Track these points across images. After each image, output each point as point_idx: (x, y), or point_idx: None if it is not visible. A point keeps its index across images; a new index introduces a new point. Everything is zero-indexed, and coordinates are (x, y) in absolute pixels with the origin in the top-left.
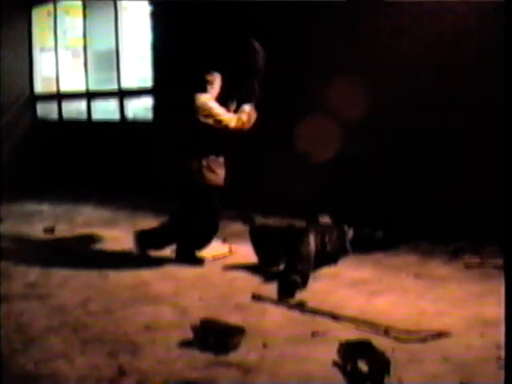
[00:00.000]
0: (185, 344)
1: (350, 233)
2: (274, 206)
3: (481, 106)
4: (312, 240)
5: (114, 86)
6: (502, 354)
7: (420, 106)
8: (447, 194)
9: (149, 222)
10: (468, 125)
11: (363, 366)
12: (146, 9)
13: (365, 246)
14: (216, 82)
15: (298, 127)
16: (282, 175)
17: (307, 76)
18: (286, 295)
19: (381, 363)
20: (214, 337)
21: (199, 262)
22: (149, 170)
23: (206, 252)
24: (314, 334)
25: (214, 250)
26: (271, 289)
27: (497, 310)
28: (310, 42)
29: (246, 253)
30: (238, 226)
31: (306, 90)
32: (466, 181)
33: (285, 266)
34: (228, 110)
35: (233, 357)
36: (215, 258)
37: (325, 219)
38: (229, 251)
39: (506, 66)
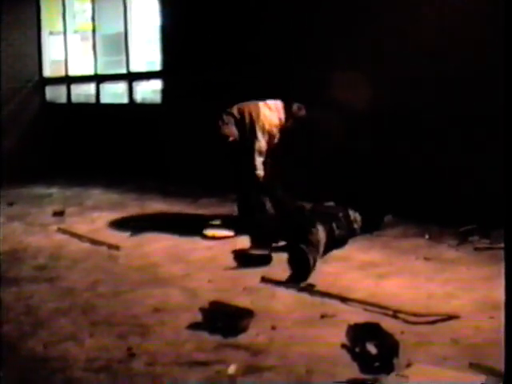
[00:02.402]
0: (194, 326)
1: (358, 216)
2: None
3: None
4: (321, 228)
5: (122, 70)
6: None
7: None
8: (457, 178)
9: (157, 205)
10: (482, 111)
11: (372, 349)
12: None
13: (374, 229)
14: None
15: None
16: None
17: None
18: (299, 275)
19: (390, 346)
20: (223, 319)
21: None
22: (157, 152)
23: (209, 231)
24: (322, 317)
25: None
26: (280, 272)
27: None
28: None
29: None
30: None
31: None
32: (476, 165)
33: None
34: None
35: (242, 339)
36: (215, 238)
37: (329, 203)
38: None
39: (506, 66)
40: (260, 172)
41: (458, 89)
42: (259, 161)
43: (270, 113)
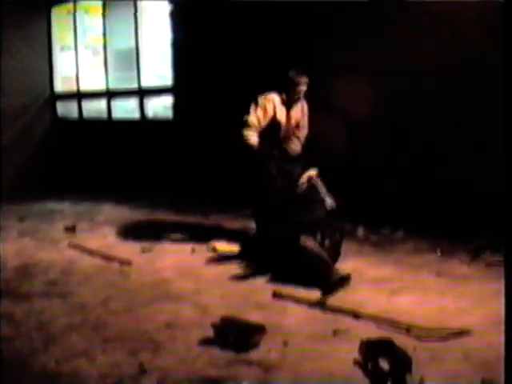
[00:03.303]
0: (205, 342)
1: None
2: None
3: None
4: (309, 242)
5: (133, 85)
6: None
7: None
8: (468, 193)
9: (168, 220)
10: (492, 126)
11: (385, 365)
12: (166, 8)
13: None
14: None
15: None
16: None
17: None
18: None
19: (402, 362)
20: (235, 335)
21: None
22: (168, 168)
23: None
24: (335, 333)
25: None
26: (292, 287)
27: None
28: None
29: None
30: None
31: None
32: (488, 181)
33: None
34: None
35: (254, 355)
36: (222, 253)
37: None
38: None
39: (505, 66)
40: (249, 141)
41: (471, 103)
42: (246, 132)
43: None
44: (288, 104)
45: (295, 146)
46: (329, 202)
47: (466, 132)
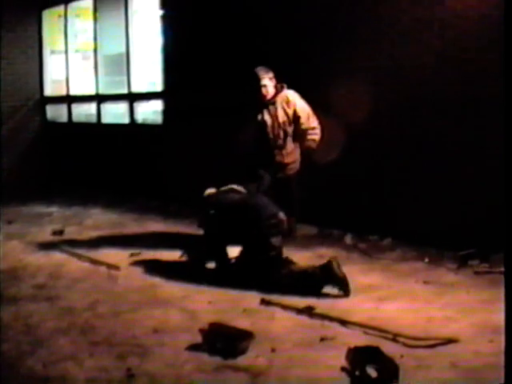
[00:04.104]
0: (193, 347)
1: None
2: None
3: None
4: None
5: (123, 90)
6: None
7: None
8: (456, 202)
9: (156, 226)
10: (480, 133)
11: (372, 372)
12: (157, 12)
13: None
14: None
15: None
16: None
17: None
18: None
19: (389, 369)
20: (223, 341)
21: None
22: (157, 173)
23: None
24: (322, 339)
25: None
26: (280, 293)
27: None
28: None
29: None
30: None
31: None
32: (476, 189)
33: None
34: None
35: (241, 361)
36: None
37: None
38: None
39: (505, 66)
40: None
41: (457, 112)
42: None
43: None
44: (264, 104)
45: (289, 148)
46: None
47: (454, 139)
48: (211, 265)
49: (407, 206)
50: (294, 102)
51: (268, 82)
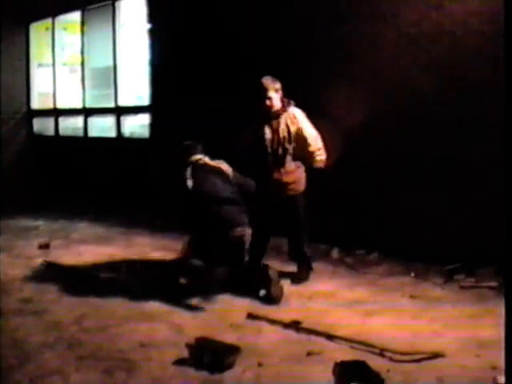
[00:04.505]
0: (180, 362)
1: None
2: None
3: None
4: None
5: (110, 104)
6: (497, 375)
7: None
8: (443, 216)
9: (143, 240)
10: (467, 148)
11: None
12: (145, 26)
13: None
14: None
15: None
16: None
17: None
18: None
19: None
20: (210, 355)
21: None
22: (144, 187)
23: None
24: (309, 354)
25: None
26: (267, 307)
27: (492, 332)
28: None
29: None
30: None
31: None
32: (462, 203)
33: None
34: None
35: (228, 375)
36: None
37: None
38: None
39: (505, 67)
40: None
41: (446, 130)
42: None
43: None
44: (267, 116)
45: (289, 167)
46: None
47: (442, 155)
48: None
49: (394, 221)
50: (300, 121)
51: (274, 94)
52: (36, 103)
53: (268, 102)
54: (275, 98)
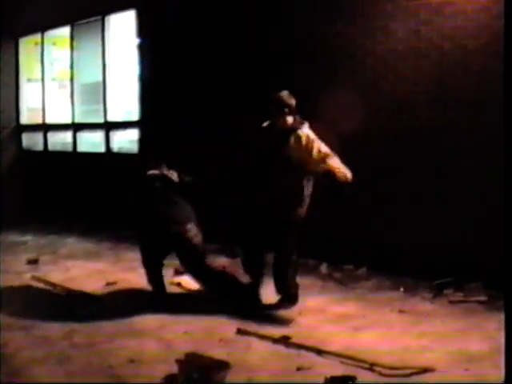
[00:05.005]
0: (170, 378)
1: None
2: None
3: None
4: None
5: (99, 119)
6: None
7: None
8: (431, 231)
9: (132, 255)
10: (458, 162)
11: None
12: (134, 41)
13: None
14: None
15: None
16: None
17: None
18: None
19: None
20: (199, 371)
21: None
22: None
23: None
24: (299, 369)
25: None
26: (256, 323)
27: (481, 346)
28: None
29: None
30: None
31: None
32: (450, 218)
33: None
34: None
35: None
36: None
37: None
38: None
39: (505, 67)
40: None
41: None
42: None
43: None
44: (274, 130)
45: (279, 189)
46: None
47: (431, 168)
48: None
49: (382, 236)
50: (311, 141)
51: (287, 110)
52: (25, 118)
53: (281, 118)
54: (288, 114)
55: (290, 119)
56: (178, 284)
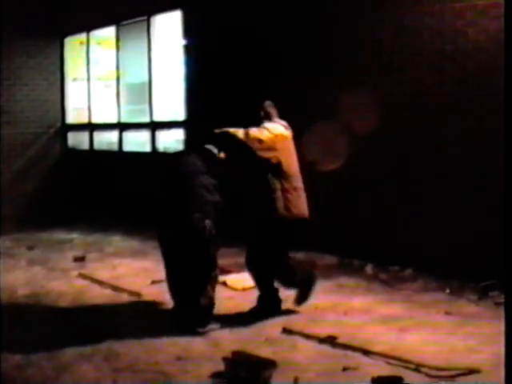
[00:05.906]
0: (216, 376)
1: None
2: None
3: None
4: None
5: (145, 118)
6: None
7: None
8: (478, 232)
9: None
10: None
11: None
12: (180, 41)
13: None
14: None
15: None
16: None
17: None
18: None
19: None
20: (246, 370)
21: None
22: None
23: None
24: (345, 369)
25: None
26: (302, 322)
27: None
28: None
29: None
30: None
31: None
32: (496, 218)
33: None
34: None
35: None
36: (245, 289)
37: None
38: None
39: (506, 67)
40: None
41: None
42: None
43: None
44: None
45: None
46: None
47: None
48: None
49: (429, 237)
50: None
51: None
52: (71, 117)
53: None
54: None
55: None
56: (224, 283)
